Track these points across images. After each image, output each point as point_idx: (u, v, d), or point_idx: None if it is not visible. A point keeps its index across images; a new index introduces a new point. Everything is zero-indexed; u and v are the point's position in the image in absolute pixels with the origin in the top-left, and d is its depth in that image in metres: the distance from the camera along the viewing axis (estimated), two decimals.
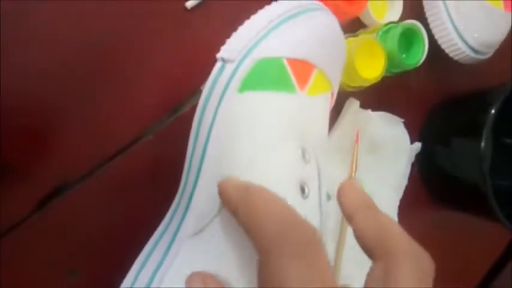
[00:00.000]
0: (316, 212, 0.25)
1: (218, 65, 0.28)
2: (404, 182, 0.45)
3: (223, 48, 0.29)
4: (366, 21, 0.42)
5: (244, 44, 0.28)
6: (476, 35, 0.44)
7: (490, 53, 0.46)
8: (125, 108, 0.33)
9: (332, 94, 0.31)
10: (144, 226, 0.29)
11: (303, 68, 0.28)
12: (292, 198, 0.24)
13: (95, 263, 0.32)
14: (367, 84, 0.37)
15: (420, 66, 0.40)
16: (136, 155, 0.33)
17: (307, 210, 0.25)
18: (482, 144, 0.40)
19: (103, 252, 0.32)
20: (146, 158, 0.34)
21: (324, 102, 0.30)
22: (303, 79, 0.28)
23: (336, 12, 0.32)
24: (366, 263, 0.38)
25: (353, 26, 0.41)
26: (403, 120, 0.45)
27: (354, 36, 0.38)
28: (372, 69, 0.37)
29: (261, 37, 0.28)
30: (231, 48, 0.28)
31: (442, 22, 0.44)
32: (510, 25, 0.46)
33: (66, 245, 0.32)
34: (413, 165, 0.46)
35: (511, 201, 0.47)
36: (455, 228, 0.50)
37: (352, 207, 0.23)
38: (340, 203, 0.24)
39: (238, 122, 0.27)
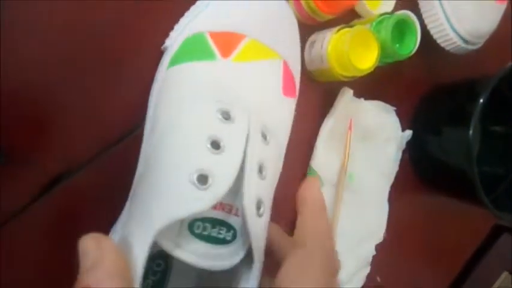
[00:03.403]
0: (232, 168, 0.27)
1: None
2: (395, 168, 0.46)
3: (166, 40, 0.33)
4: (360, 12, 0.42)
5: (178, 30, 0.32)
6: (467, 26, 0.44)
7: (480, 43, 0.47)
8: (126, 95, 0.34)
9: (285, 62, 0.33)
10: None
11: (227, 38, 0.31)
12: (201, 151, 0.27)
13: None
14: (360, 74, 0.38)
15: (412, 56, 0.40)
16: (137, 142, 0.33)
17: (220, 164, 0.26)
18: (470, 132, 0.41)
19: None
20: None
21: (264, 68, 0.32)
22: (227, 48, 0.31)
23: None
24: (356, 249, 0.40)
25: (348, 16, 0.41)
26: (395, 108, 0.45)
27: (349, 26, 0.39)
28: (365, 60, 0.37)
29: (190, 20, 0.32)
30: (170, 36, 0.32)
31: (434, 13, 0.44)
32: (500, 16, 0.47)
33: (68, 231, 0.32)
34: (404, 152, 0.47)
35: (497, 187, 0.49)
36: (443, 213, 0.51)
37: (303, 203, 0.27)
38: (298, 196, 0.27)
39: (162, 93, 0.31)
